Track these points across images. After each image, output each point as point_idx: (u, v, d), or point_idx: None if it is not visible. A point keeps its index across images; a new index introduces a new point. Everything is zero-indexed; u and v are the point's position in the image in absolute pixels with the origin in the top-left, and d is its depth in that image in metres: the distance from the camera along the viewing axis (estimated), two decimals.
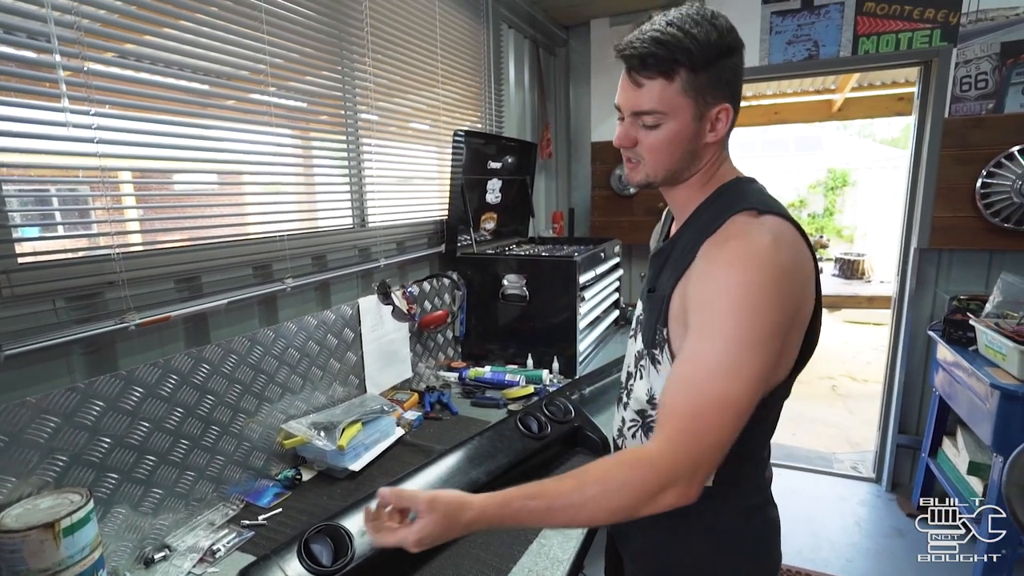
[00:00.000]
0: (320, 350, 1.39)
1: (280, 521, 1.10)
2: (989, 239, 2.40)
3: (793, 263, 0.74)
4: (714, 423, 0.69)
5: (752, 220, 0.76)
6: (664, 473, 0.69)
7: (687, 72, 0.75)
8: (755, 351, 0.70)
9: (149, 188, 1.13)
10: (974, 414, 2.06)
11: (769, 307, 0.70)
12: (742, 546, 0.87)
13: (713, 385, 0.70)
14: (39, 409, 0.84)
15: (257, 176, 1.31)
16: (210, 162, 1.19)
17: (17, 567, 0.75)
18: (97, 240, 0.97)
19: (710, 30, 0.75)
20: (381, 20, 1.63)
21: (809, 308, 0.79)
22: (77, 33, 0.91)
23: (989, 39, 2.26)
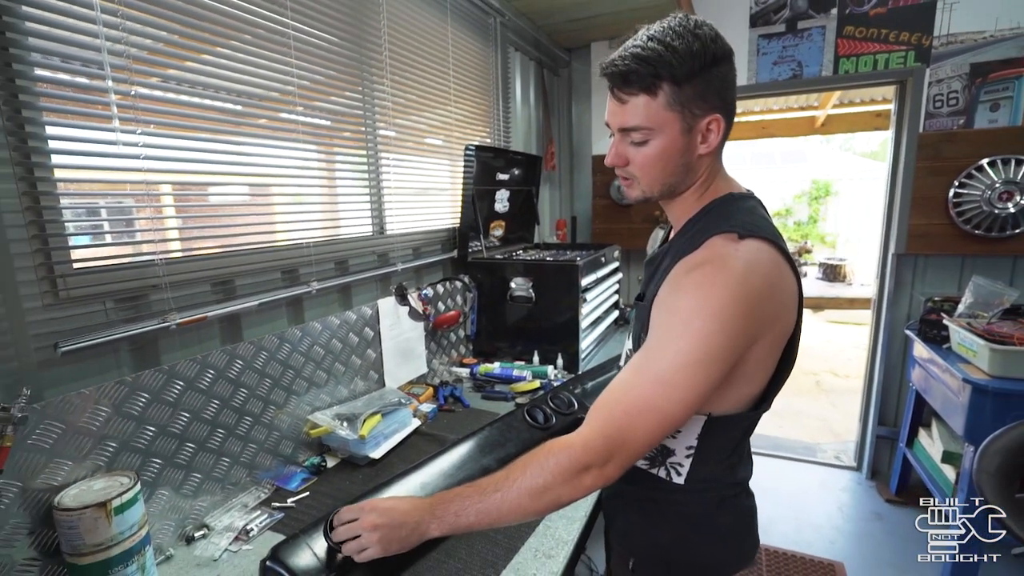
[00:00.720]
0: (343, 347, 1.41)
1: (307, 504, 1.12)
2: (961, 245, 2.39)
3: (764, 289, 0.70)
4: (639, 424, 0.69)
5: (728, 245, 0.72)
6: (580, 458, 0.70)
7: (670, 86, 0.71)
8: (695, 370, 0.68)
9: (188, 200, 1.15)
10: (948, 407, 2.05)
11: (720, 333, 0.67)
12: (716, 531, 0.86)
13: (648, 391, 0.69)
14: (92, 400, 0.86)
15: (285, 188, 1.33)
16: (243, 176, 1.21)
17: (75, 541, 0.77)
18: (142, 247, 0.99)
19: (692, 41, 0.70)
20: (398, 44, 1.65)
21: (785, 327, 0.76)
22: (126, 60, 0.93)
23: (959, 60, 2.25)
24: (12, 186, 0.80)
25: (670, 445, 0.84)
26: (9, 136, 0.80)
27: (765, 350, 0.74)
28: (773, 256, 0.72)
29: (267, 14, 1.19)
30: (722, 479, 0.85)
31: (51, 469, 0.81)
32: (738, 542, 0.89)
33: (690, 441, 0.82)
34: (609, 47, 2.88)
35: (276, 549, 0.82)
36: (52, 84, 0.86)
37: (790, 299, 0.75)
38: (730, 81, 0.76)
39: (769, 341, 0.74)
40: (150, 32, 0.98)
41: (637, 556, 0.91)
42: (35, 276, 0.84)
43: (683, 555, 0.87)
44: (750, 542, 0.90)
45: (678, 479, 0.84)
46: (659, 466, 0.86)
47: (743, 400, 0.79)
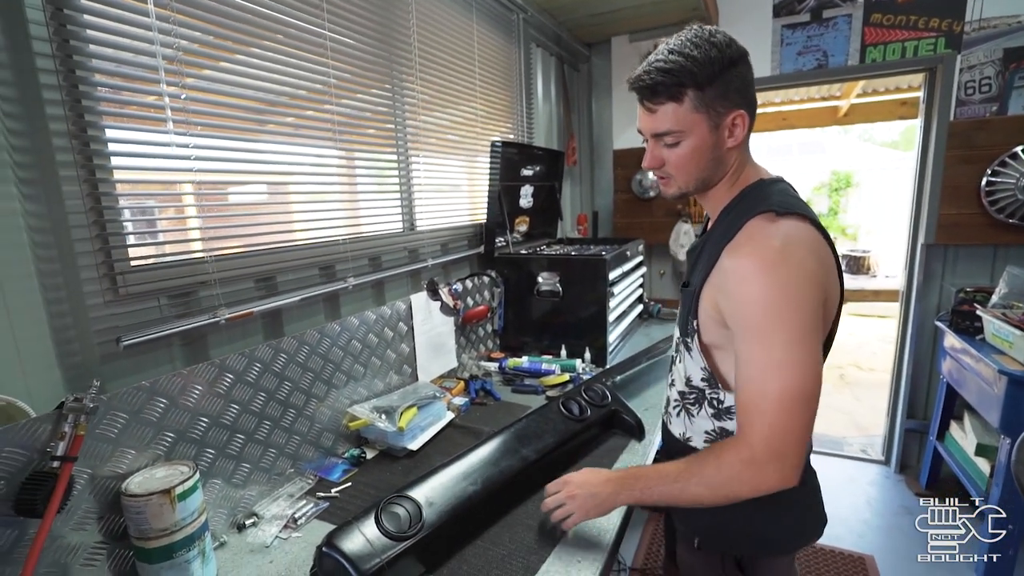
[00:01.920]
0: (379, 342, 1.43)
1: (351, 494, 1.14)
2: (994, 234, 2.34)
3: (808, 259, 0.74)
4: (795, 413, 0.72)
5: (766, 224, 0.77)
6: (758, 465, 0.75)
7: (694, 91, 0.78)
8: (805, 343, 0.72)
9: (233, 198, 1.18)
10: (982, 399, 2.01)
11: (800, 303, 0.72)
12: (779, 506, 0.87)
13: (778, 383, 0.72)
14: (152, 392, 0.89)
15: (322, 186, 1.35)
16: (283, 174, 1.24)
17: (142, 526, 0.80)
18: (194, 244, 1.02)
19: (709, 48, 0.77)
20: (427, 43, 1.67)
21: (834, 297, 0.80)
22: (178, 65, 0.96)
23: (992, 46, 2.20)
24: (76, 188, 0.84)
25: (729, 427, 0.87)
26: (73, 140, 0.83)
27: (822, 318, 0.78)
28: (808, 231, 0.77)
29: (306, 17, 1.22)
30: None
31: (116, 457, 0.85)
32: (801, 517, 0.91)
33: None
34: (629, 41, 2.87)
35: (332, 534, 0.84)
36: (111, 89, 0.89)
37: (831, 271, 0.79)
38: (748, 79, 0.83)
39: (826, 309, 0.77)
40: (200, 38, 1.01)
41: (702, 535, 0.94)
42: (97, 274, 0.88)
43: (747, 530, 0.89)
44: (813, 517, 0.93)
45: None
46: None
47: None
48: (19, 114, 0.77)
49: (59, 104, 0.81)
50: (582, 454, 1.26)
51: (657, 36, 2.78)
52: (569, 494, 0.89)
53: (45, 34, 0.79)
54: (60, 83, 0.81)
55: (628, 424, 1.32)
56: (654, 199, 3.02)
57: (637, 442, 1.31)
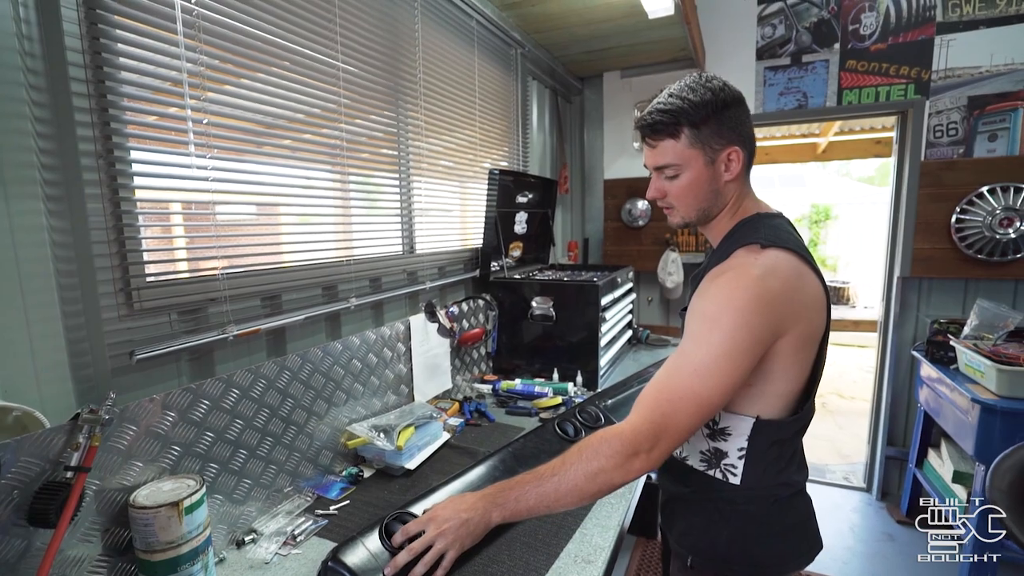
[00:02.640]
0: (378, 361, 1.46)
1: (349, 511, 1.15)
2: (964, 268, 2.46)
3: (781, 290, 0.80)
4: (680, 409, 0.79)
5: (751, 254, 0.83)
6: (630, 443, 0.80)
7: (690, 129, 0.87)
8: (725, 360, 0.78)
9: (245, 218, 1.22)
10: (958, 427, 2.09)
11: (743, 328, 0.78)
12: (771, 530, 0.91)
13: (686, 381, 0.80)
14: (162, 406, 0.91)
15: (327, 208, 1.40)
16: (289, 196, 1.28)
17: (149, 538, 0.81)
18: (207, 262, 1.06)
19: (704, 92, 0.86)
20: (431, 73, 1.75)
21: (812, 329, 0.84)
22: (201, 91, 1.01)
23: (957, 93, 2.37)
24: (100, 206, 0.87)
25: (723, 448, 0.91)
26: (99, 159, 0.87)
27: (793, 346, 0.82)
28: (793, 263, 0.82)
29: (321, 48, 1.29)
30: (776, 480, 0.90)
31: (125, 470, 0.86)
32: (795, 541, 0.94)
33: (741, 443, 0.88)
34: (620, 77, 3.01)
35: (336, 551, 0.86)
36: (136, 112, 0.93)
37: (814, 302, 0.84)
38: (741, 119, 0.90)
39: (795, 338, 0.82)
40: (221, 66, 1.06)
41: (695, 554, 0.96)
42: (114, 288, 0.90)
43: (740, 553, 0.92)
44: (808, 542, 0.95)
45: (734, 479, 0.90)
46: (715, 468, 0.92)
47: (786, 399, 0.86)
48: (51, 134, 0.81)
49: (89, 126, 0.85)
50: None
51: (647, 73, 2.93)
52: (438, 531, 0.86)
53: (80, 60, 0.83)
54: (91, 106, 0.85)
55: None
56: (643, 228, 3.12)
57: None
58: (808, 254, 0.86)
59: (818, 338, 0.87)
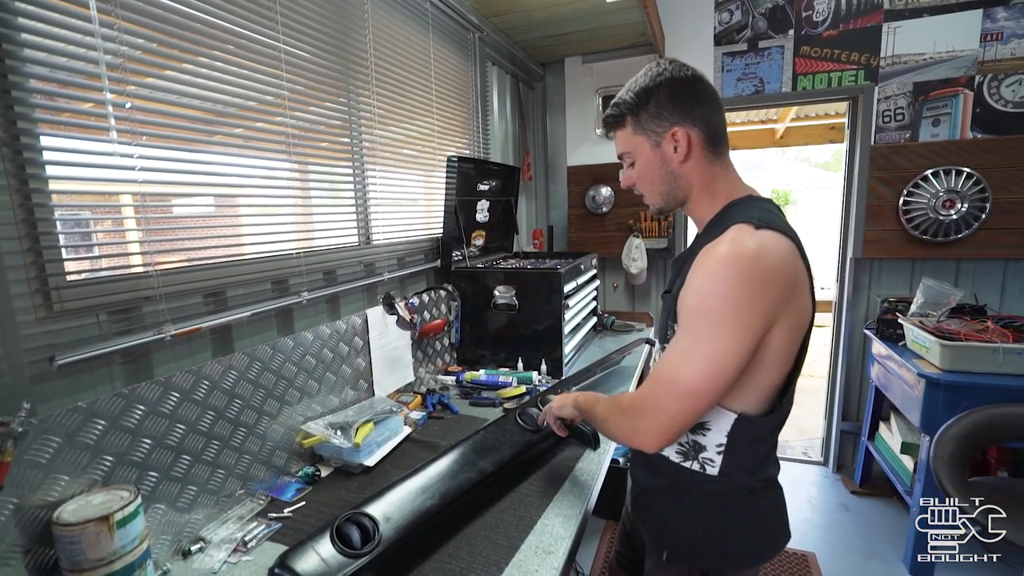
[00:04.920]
0: (333, 357, 1.41)
1: (304, 513, 1.11)
2: (911, 249, 2.56)
3: (775, 271, 0.77)
4: (669, 392, 0.81)
5: (745, 231, 0.79)
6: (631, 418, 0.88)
7: (631, 117, 0.93)
8: (723, 344, 0.76)
9: (179, 211, 1.15)
10: (905, 400, 2.19)
11: (738, 308, 0.75)
12: (746, 521, 0.92)
13: (675, 369, 0.80)
14: (89, 413, 0.85)
15: (274, 198, 1.33)
16: (233, 186, 1.21)
17: (76, 557, 0.75)
18: (136, 259, 0.98)
19: (644, 79, 0.91)
20: (383, 59, 1.68)
21: (802, 317, 0.82)
22: (122, 73, 0.93)
23: (903, 79, 2.44)
24: (7, 198, 0.79)
25: (702, 442, 0.90)
26: (4, 147, 0.79)
27: (784, 335, 0.80)
28: (787, 245, 0.80)
29: (259, 26, 1.21)
30: (751, 473, 0.91)
31: (48, 484, 0.80)
32: (767, 531, 0.95)
33: (720, 439, 0.88)
34: (582, 62, 2.98)
35: (284, 556, 0.82)
36: (48, 96, 0.85)
37: (804, 289, 0.82)
38: (685, 99, 0.89)
39: (786, 326, 0.80)
40: (144, 44, 0.98)
41: (671, 548, 0.96)
42: (29, 289, 0.83)
43: (716, 545, 0.92)
44: (778, 531, 0.96)
45: (711, 470, 0.90)
46: (692, 460, 0.92)
47: (768, 391, 0.85)
48: None
49: None
50: (539, 464, 1.28)
51: (608, 59, 2.91)
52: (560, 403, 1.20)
53: None
54: None
55: (584, 434, 1.35)
56: (607, 214, 3.12)
57: (592, 451, 1.34)
58: (799, 239, 0.83)
59: (806, 327, 0.85)
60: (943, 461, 1.65)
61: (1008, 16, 2.27)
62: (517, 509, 1.10)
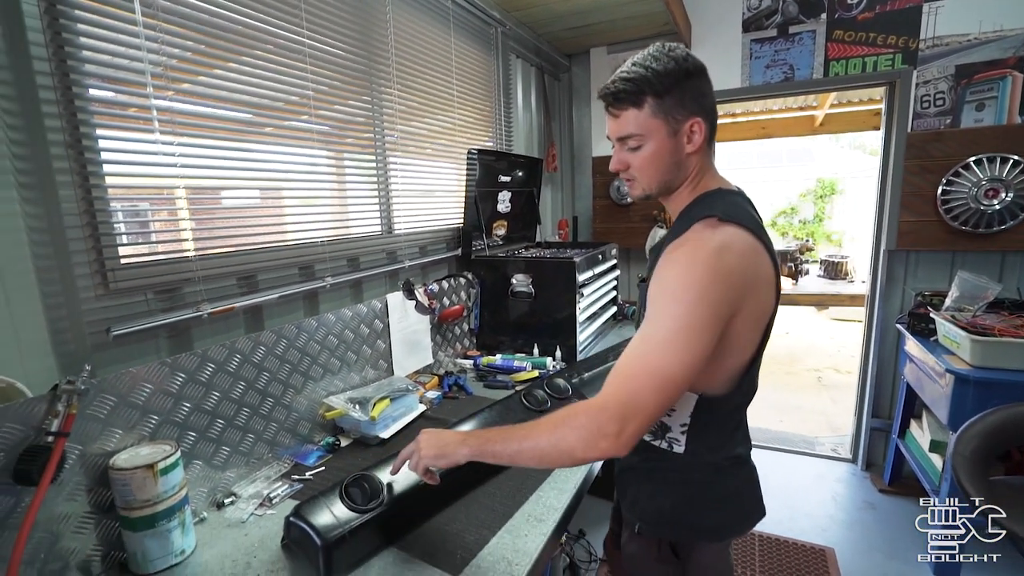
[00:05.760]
0: (355, 338, 1.53)
1: (323, 477, 1.23)
2: (950, 240, 2.46)
3: (737, 267, 0.79)
4: (647, 386, 0.76)
5: (709, 227, 0.82)
6: (594, 420, 0.76)
7: (653, 98, 0.86)
8: (688, 334, 0.76)
9: (217, 202, 1.28)
10: (934, 397, 2.13)
11: (703, 303, 0.77)
12: (714, 496, 0.96)
13: (649, 357, 0.77)
14: (139, 378, 0.98)
15: (301, 190, 1.45)
16: (264, 179, 1.34)
17: (127, 497, 0.89)
18: (180, 244, 1.12)
19: (668, 61, 0.85)
20: (404, 55, 1.77)
21: (763, 307, 0.85)
22: (164, 81, 1.05)
23: (945, 62, 2.33)
24: (71, 192, 0.93)
25: (667, 422, 0.95)
26: (69, 148, 0.93)
27: (745, 324, 0.84)
28: (748, 240, 0.82)
29: (286, 26, 1.32)
30: (716, 451, 0.95)
31: (105, 436, 0.94)
32: (734, 509, 0.98)
33: (684, 419, 0.93)
34: (607, 53, 2.99)
35: (298, 508, 0.94)
36: (104, 103, 0.98)
37: (767, 280, 0.85)
38: (704, 90, 0.89)
39: (747, 315, 0.83)
40: (186, 46, 1.11)
41: (643, 521, 1.01)
42: (89, 270, 0.97)
43: (683, 518, 0.97)
44: (749, 508, 1.00)
45: (678, 449, 0.95)
46: (660, 439, 0.97)
47: (730, 374, 0.88)
48: (20, 125, 0.87)
49: (56, 116, 0.90)
50: None
51: (633, 49, 2.90)
52: (416, 446, 0.93)
53: (42, 40, 0.87)
54: (57, 98, 0.91)
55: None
56: (631, 205, 3.13)
57: None
58: (764, 232, 0.86)
59: (767, 317, 0.87)
60: (963, 458, 1.61)
61: None
62: (516, 480, 1.18)
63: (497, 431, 0.87)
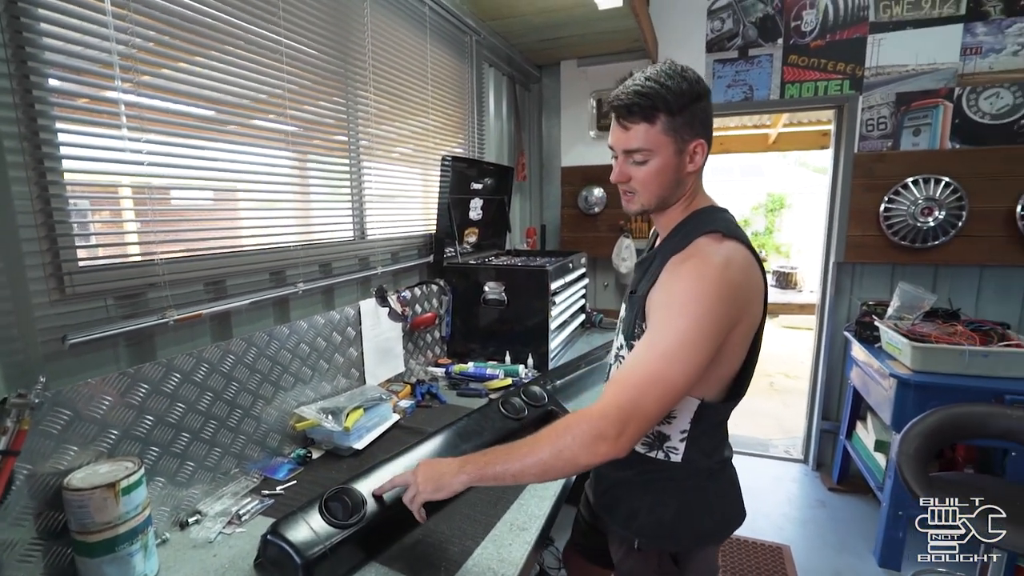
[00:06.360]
0: (327, 345, 1.48)
1: (295, 491, 1.18)
2: (891, 254, 2.64)
3: (740, 282, 0.84)
4: (649, 394, 0.79)
5: (713, 243, 0.87)
6: (598, 426, 0.78)
7: (665, 116, 0.87)
8: (692, 347, 0.80)
9: (184, 203, 1.21)
10: (879, 400, 2.27)
11: (709, 316, 0.81)
12: (709, 499, 1.00)
13: (653, 366, 0.80)
14: (97, 390, 0.91)
15: (273, 192, 1.40)
16: (235, 180, 1.28)
17: (85, 520, 0.82)
18: (143, 247, 1.05)
19: (681, 81, 0.86)
20: (381, 60, 1.75)
21: (755, 320, 0.89)
22: (133, 75, 0.99)
23: (887, 90, 2.52)
24: (26, 189, 0.86)
25: (666, 431, 0.97)
26: (24, 142, 0.85)
27: (741, 334, 0.88)
28: (746, 255, 0.88)
29: (262, 25, 1.28)
30: (709, 456, 0.98)
31: (58, 454, 0.87)
32: (728, 508, 1.03)
33: (684, 426, 0.95)
34: (577, 66, 3.05)
35: (275, 525, 0.89)
36: (65, 95, 0.92)
37: (758, 294, 0.90)
38: (710, 114, 0.93)
39: (744, 326, 0.88)
40: (158, 39, 1.05)
41: (642, 535, 1.01)
42: (43, 273, 0.89)
43: (686, 526, 0.99)
44: (737, 507, 1.05)
45: (675, 458, 0.97)
46: (657, 450, 0.99)
47: (725, 382, 0.92)
48: None
49: (11, 107, 0.83)
50: None
51: (603, 63, 2.98)
52: (415, 472, 0.92)
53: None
54: (12, 86, 0.84)
55: None
56: (599, 215, 3.19)
57: None
58: (752, 247, 0.90)
59: (758, 325, 0.92)
60: (907, 456, 1.72)
61: (987, 31, 2.35)
62: (495, 490, 1.17)
63: (494, 453, 0.88)
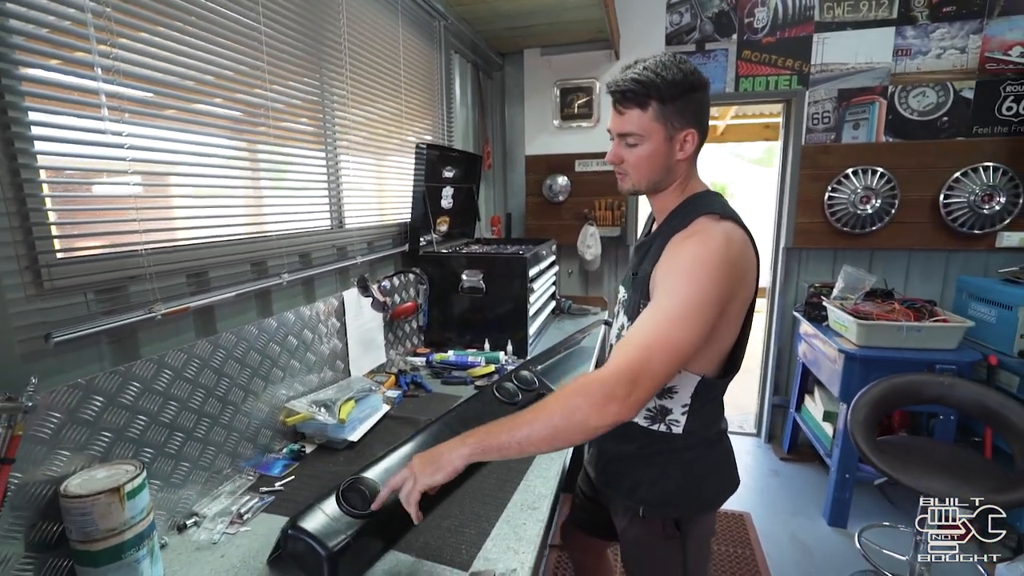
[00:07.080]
0: (314, 337, 1.44)
1: (294, 487, 1.15)
2: (834, 240, 2.87)
3: (738, 257, 0.91)
4: (657, 356, 0.82)
5: (712, 222, 0.93)
6: (609, 384, 0.79)
7: (658, 104, 0.92)
8: (697, 312, 0.85)
9: (168, 190, 1.13)
10: (828, 374, 2.48)
11: (713, 284, 0.86)
12: (709, 467, 1.07)
13: (662, 329, 0.84)
14: (89, 390, 0.86)
15: (253, 181, 1.33)
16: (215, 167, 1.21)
17: (87, 528, 0.77)
18: (126, 237, 0.98)
19: (676, 72, 0.91)
20: (356, 43, 1.69)
21: (749, 294, 0.96)
22: (113, 62, 0.92)
23: (830, 86, 2.72)
24: None
25: (668, 405, 1.03)
26: None
27: (737, 309, 0.94)
28: (743, 235, 0.94)
29: (242, 9, 1.21)
30: (708, 427, 1.05)
31: (50, 460, 0.80)
32: (727, 475, 1.10)
33: (685, 400, 1.01)
34: (540, 55, 3.07)
35: (294, 519, 0.87)
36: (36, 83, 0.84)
37: (752, 271, 0.96)
38: (704, 105, 0.98)
39: (740, 301, 0.94)
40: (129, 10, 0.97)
41: (647, 504, 1.07)
42: (18, 266, 0.82)
43: (687, 494, 1.05)
44: (733, 475, 1.12)
45: (677, 429, 1.03)
46: (659, 423, 1.04)
47: (721, 356, 0.99)
48: None
49: None
50: None
51: (566, 52, 3.02)
52: (410, 465, 0.86)
53: None
54: None
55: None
56: (563, 203, 3.25)
57: None
58: (748, 228, 0.97)
59: (751, 301, 0.99)
60: (858, 423, 1.90)
61: (915, 35, 2.59)
62: (500, 473, 1.20)
63: (497, 424, 0.86)
